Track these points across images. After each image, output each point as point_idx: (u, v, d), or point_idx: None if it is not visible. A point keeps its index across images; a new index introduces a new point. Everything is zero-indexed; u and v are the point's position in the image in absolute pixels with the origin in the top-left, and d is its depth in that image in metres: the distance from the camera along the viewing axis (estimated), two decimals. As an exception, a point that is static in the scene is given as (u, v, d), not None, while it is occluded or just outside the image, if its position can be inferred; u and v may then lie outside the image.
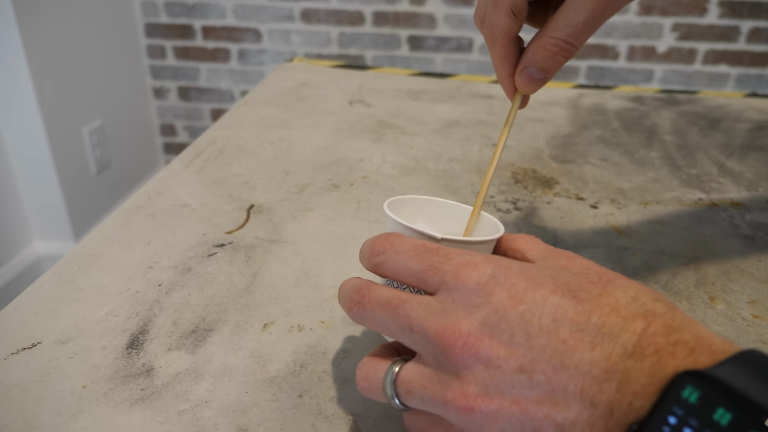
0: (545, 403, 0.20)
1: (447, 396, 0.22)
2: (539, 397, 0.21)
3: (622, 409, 0.19)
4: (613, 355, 0.20)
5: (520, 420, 0.21)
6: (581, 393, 0.20)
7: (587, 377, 0.20)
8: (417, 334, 0.23)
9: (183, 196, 0.53)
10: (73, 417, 0.30)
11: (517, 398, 0.21)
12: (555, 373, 0.20)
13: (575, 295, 0.22)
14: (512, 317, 0.22)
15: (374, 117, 0.76)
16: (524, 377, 0.21)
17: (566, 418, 0.20)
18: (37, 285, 0.40)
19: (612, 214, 0.53)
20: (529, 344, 0.21)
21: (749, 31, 1.59)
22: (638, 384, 0.19)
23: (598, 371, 0.20)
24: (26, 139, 1.40)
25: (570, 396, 0.20)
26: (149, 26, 1.79)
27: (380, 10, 1.68)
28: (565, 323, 0.21)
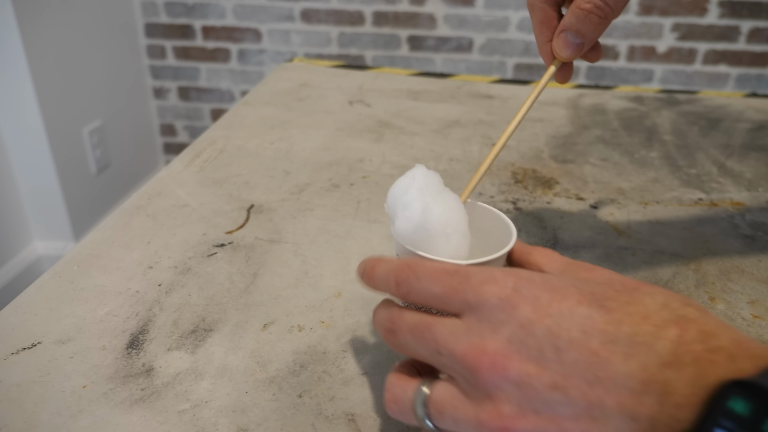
0: (583, 420, 0.20)
1: (481, 417, 0.22)
2: (576, 414, 0.20)
3: (664, 422, 0.18)
4: (650, 366, 0.19)
5: None
6: (620, 407, 0.19)
7: (624, 390, 0.19)
8: (445, 357, 0.23)
9: (183, 196, 0.53)
10: (73, 417, 0.30)
11: (553, 416, 0.20)
12: (590, 388, 0.20)
13: (603, 304, 0.21)
14: (539, 332, 0.21)
15: (374, 117, 0.76)
16: (559, 394, 0.20)
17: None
18: (37, 285, 0.40)
19: (612, 214, 0.53)
20: (559, 359, 0.20)
21: (749, 31, 1.59)
22: (680, 395, 0.18)
23: (636, 383, 0.19)
24: (26, 139, 1.39)
25: (608, 411, 0.19)
26: (149, 26, 1.79)
27: (380, 10, 1.68)
28: (595, 334, 0.20)
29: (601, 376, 0.20)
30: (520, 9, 1.63)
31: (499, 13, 1.64)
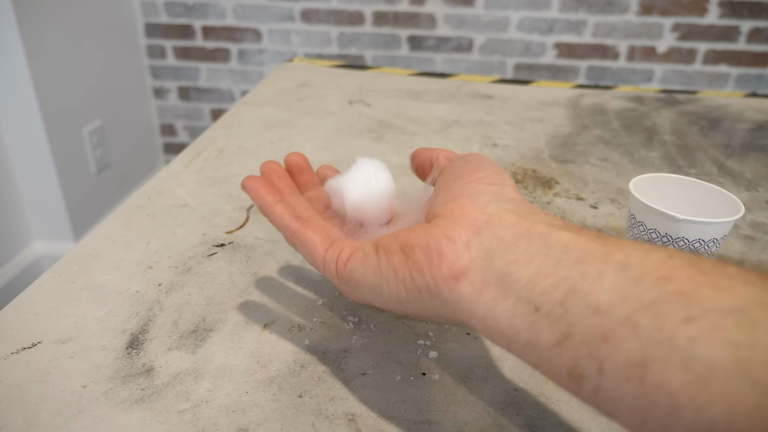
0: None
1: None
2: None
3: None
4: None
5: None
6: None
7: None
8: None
9: (183, 195, 0.53)
10: (74, 417, 0.30)
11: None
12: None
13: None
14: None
15: (374, 117, 0.76)
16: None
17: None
18: (37, 285, 0.40)
19: (612, 215, 0.53)
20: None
21: (749, 31, 1.59)
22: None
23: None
24: (26, 139, 1.39)
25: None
26: (149, 26, 1.79)
27: (380, 10, 1.68)
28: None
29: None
30: (520, 9, 1.63)
31: (499, 13, 1.64)
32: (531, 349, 0.21)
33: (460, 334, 0.37)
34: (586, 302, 0.19)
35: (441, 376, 0.33)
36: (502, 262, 0.23)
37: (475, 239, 0.24)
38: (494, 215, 0.25)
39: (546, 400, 0.32)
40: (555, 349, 0.20)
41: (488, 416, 0.31)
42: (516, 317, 0.22)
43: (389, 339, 0.36)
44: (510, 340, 0.22)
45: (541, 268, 0.21)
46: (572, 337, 0.19)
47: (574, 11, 1.61)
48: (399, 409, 0.31)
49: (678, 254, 0.19)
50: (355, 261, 0.28)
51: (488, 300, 0.23)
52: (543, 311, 0.21)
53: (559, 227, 0.23)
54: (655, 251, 0.20)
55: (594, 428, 0.30)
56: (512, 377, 0.34)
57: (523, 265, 0.22)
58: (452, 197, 0.27)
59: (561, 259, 0.21)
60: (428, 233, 0.25)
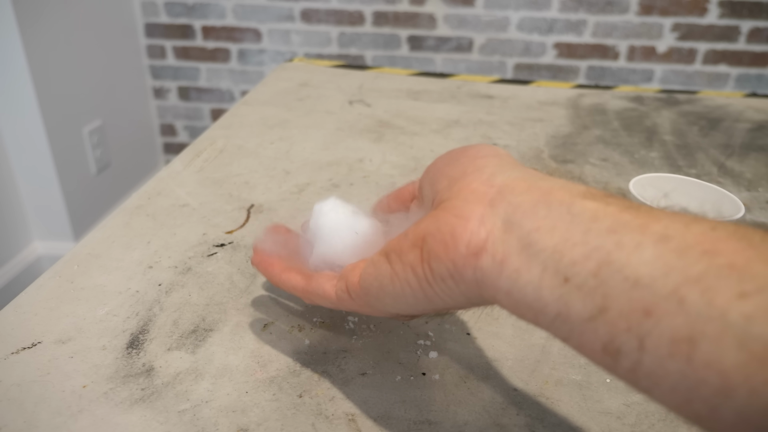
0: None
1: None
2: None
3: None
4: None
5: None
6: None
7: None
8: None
9: (183, 195, 0.53)
10: (74, 417, 0.30)
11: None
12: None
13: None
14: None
15: (374, 117, 0.76)
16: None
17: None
18: (37, 285, 0.40)
19: (612, 214, 0.53)
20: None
21: (749, 31, 1.59)
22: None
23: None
24: (26, 139, 1.39)
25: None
26: (149, 26, 1.79)
27: (380, 10, 1.68)
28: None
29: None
30: (520, 9, 1.63)
31: (499, 13, 1.64)
32: (561, 323, 0.20)
33: (460, 334, 0.37)
34: (623, 274, 0.18)
35: (441, 376, 0.33)
36: (523, 230, 0.21)
37: (489, 212, 0.23)
38: (504, 185, 0.23)
39: (546, 400, 0.32)
40: (589, 323, 0.19)
41: (488, 416, 0.31)
42: (543, 288, 0.20)
43: (389, 339, 0.36)
44: (537, 313, 0.21)
45: (568, 237, 0.20)
46: (608, 311, 0.18)
47: (574, 11, 1.61)
48: (399, 409, 0.31)
49: (722, 226, 0.18)
50: (368, 276, 0.27)
51: (512, 272, 0.21)
52: (574, 282, 0.19)
53: (581, 195, 0.21)
54: (696, 223, 0.19)
55: (594, 428, 0.30)
56: (512, 377, 0.34)
57: (546, 233, 0.21)
58: (454, 180, 0.26)
59: (590, 228, 0.20)
60: (437, 219, 0.24)
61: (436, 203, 0.26)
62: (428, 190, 0.28)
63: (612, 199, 0.21)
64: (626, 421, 0.31)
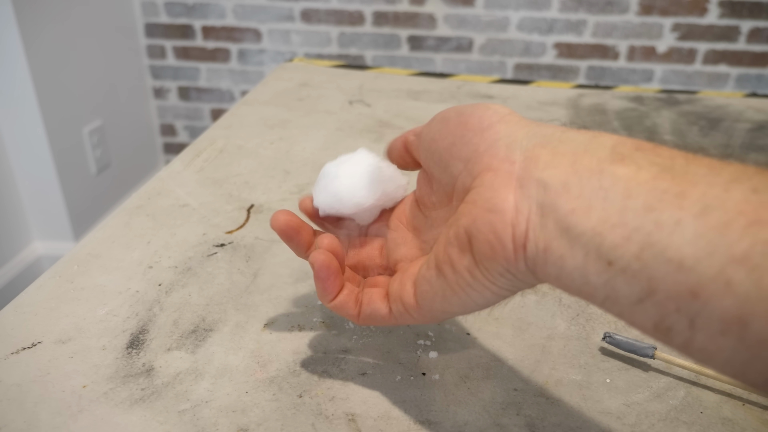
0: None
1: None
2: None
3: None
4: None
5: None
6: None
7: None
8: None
9: (183, 195, 0.53)
10: (73, 417, 0.30)
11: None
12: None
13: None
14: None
15: (374, 117, 0.76)
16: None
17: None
18: (37, 285, 0.40)
19: (612, 214, 0.53)
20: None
21: (749, 31, 1.59)
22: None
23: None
24: (26, 139, 1.39)
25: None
26: (149, 26, 1.79)
27: (380, 10, 1.68)
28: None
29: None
30: (520, 9, 1.63)
31: (499, 13, 1.64)
32: (611, 304, 0.20)
33: (460, 334, 0.37)
34: (666, 256, 0.18)
35: (441, 376, 0.33)
36: (559, 213, 0.20)
37: (521, 196, 0.22)
38: (526, 159, 0.22)
39: (546, 400, 0.32)
40: (637, 305, 0.19)
41: (488, 416, 0.31)
42: (589, 274, 0.20)
43: (389, 339, 0.36)
44: (588, 296, 0.21)
45: (605, 217, 0.19)
46: (656, 293, 0.18)
47: (574, 11, 1.61)
48: (399, 409, 0.31)
49: (764, 187, 0.18)
50: (425, 294, 0.26)
51: (556, 258, 0.21)
52: (618, 266, 0.19)
53: (609, 158, 0.20)
54: (736, 184, 0.18)
55: (594, 428, 0.30)
56: (512, 377, 0.34)
57: (582, 215, 0.20)
58: (471, 161, 0.25)
59: (626, 207, 0.19)
60: (474, 218, 0.23)
61: (459, 193, 0.26)
62: (440, 174, 0.27)
63: (643, 156, 0.20)
64: (626, 421, 0.31)
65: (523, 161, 0.22)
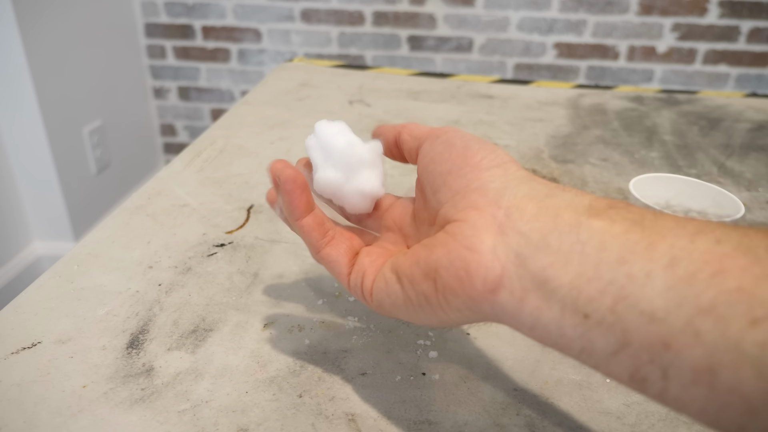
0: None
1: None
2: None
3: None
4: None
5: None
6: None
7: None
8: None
9: (183, 195, 0.53)
10: (74, 417, 0.30)
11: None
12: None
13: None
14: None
15: (374, 117, 0.76)
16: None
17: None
18: (37, 285, 0.40)
19: (612, 214, 0.53)
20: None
21: (749, 31, 1.59)
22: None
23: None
24: (26, 139, 1.39)
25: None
26: (149, 26, 1.79)
27: (380, 10, 1.68)
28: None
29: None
30: (520, 9, 1.63)
31: (499, 13, 1.64)
32: (587, 356, 0.20)
33: (460, 334, 0.37)
34: (639, 309, 0.18)
35: (441, 376, 0.33)
36: (537, 266, 0.21)
37: (500, 242, 0.22)
38: (511, 207, 0.23)
39: (546, 400, 0.32)
40: (613, 357, 0.19)
41: (488, 416, 0.31)
42: (565, 326, 0.20)
43: (389, 339, 0.36)
44: (563, 348, 0.21)
45: (581, 271, 0.20)
46: (630, 345, 0.19)
47: (574, 11, 1.61)
48: (399, 409, 0.31)
49: (726, 238, 0.18)
50: (380, 292, 0.27)
51: (533, 309, 0.21)
52: (593, 319, 0.19)
53: (587, 213, 0.21)
54: (701, 236, 0.19)
55: (594, 428, 0.30)
56: (512, 377, 0.34)
57: (560, 268, 0.21)
58: (459, 195, 0.25)
59: (601, 260, 0.20)
60: (449, 251, 0.24)
61: (440, 221, 0.26)
62: (430, 195, 0.28)
63: (616, 213, 0.21)
64: (626, 421, 0.31)
65: (508, 209, 0.23)
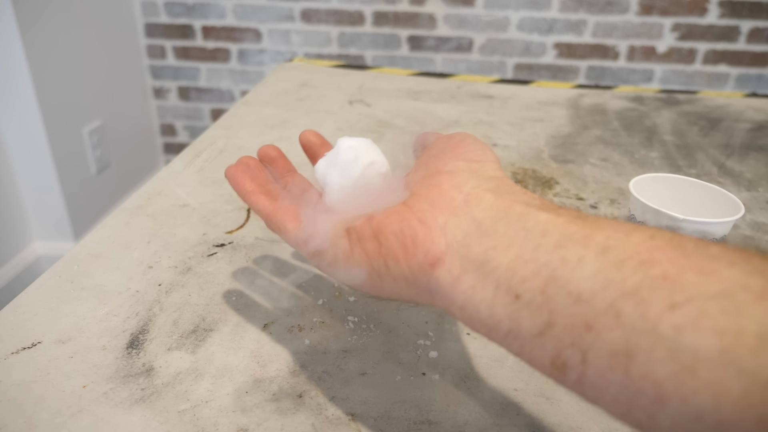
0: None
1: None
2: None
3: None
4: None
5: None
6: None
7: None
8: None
9: (183, 195, 0.53)
10: (74, 417, 0.30)
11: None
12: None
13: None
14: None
15: (374, 117, 0.76)
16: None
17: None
18: (37, 285, 0.40)
19: (612, 215, 0.53)
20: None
21: (749, 31, 1.59)
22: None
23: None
24: (26, 139, 1.39)
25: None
26: (149, 26, 1.79)
27: (380, 10, 1.68)
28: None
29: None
30: (520, 9, 1.63)
31: (499, 13, 1.64)
32: (513, 339, 0.21)
33: (460, 334, 0.37)
34: (567, 290, 0.19)
35: (441, 376, 0.33)
36: (481, 248, 0.22)
37: (451, 222, 0.23)
38: (471, 194, 0.24)
39: (546, 400, 0.32)
40: (537, 339, 0.20)
41: (488, 416, 0.31)
42: (496, 306, 0.21)
43: (389, 339, 0.36)
44: (491, 329, 0.21)
45: (521, 254, 0.21)
46: (555, 326, 0.19)
47: (574, 11, 1.61)
48: (399, 409, 0.31)
49: (659, 234, 0.19)
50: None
51: (467, 288, 0.22)
52: (523, 299, 0.20)
53: (537, 207, 0.22)
54: (637, 231, 0.19)
55: (594, 428, 0.30)
56: (512, 377, 0.34)
57: (502, 251, 0.21)
58: (431, 174, 0.26)
59: (540, 243, 0.20)
60: (402, 218, 0.24)
61: (409, 188, 0.27)
62: (412, 173, 0.29)
63: (565, 210, 0.22)
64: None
65: (467, 195, 0.24)
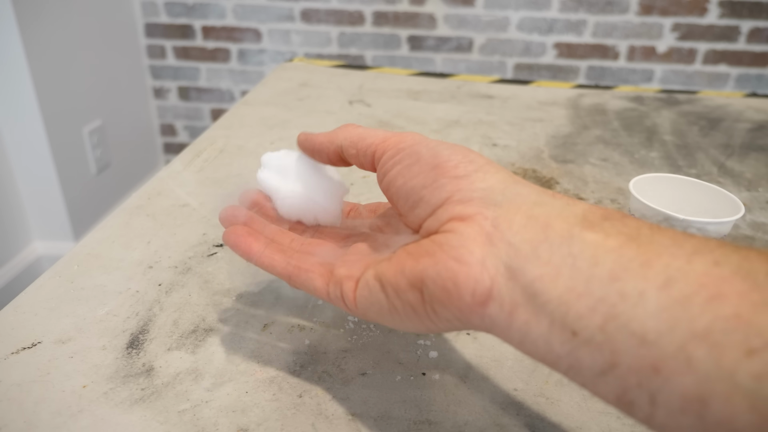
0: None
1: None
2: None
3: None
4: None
5: None
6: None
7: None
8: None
9: (183, 195, 0.53)
10: (74, 417, 0.30)
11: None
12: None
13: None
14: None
15: (374, 117, 0.76)
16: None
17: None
18: (37, 285, 0.40)
19: (612, 214, 0.53)
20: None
21: (749, 31, 1.59)
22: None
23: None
24: (26, 139, 1.39)
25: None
26: (149, 26, 1.79)
27: (380, 10, 1.68)
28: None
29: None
30: (520, 9, 1.63)
31: (499, 13, 1.64)
32: (574, 374, 0.20)
33: (460, 334, 0.37)
34: (629, 329, 0.18)
35: (441, 376, 0.33)
36: (527, 278, 0.20)
37: (489, 253, 0.21)
38: (499, 217, 0.22)
39: (546, 400, 0.32)
40: (600, 377, 0.19)
41: (488, 416, 0.31)
42: (553, 343, 0.20)
43: (389, 339, 0.36)
44: (551, 364, 0.20)
45: (572, 286, 0.19)
46: (618, 367, 0.18)
47: (574, 11, 1.61)
48: (399, 409, 0.31)
49: (725, 260, 0.17)
50: (364, 300, 0.26)
51: (521, 324, 0.21)
52: (582, 337, 0.19)
53: (580, 224, 0.20)
54: (699, 257, 0.18)
55: (594, 428, 0.30)
56: (512, 377, 0.34)
57: (549, 282, 0.20)
58: (441, 208, 0.24)
59: (593, 275, 0.19)
60: (435, 261, 0.22)
61: (424, 231, 0.25)
62: (407, 211, 0.26)
63: (611, 225, 0.20)
64: (626, 421, 0.31)
65: (496, 219, 0.22)
